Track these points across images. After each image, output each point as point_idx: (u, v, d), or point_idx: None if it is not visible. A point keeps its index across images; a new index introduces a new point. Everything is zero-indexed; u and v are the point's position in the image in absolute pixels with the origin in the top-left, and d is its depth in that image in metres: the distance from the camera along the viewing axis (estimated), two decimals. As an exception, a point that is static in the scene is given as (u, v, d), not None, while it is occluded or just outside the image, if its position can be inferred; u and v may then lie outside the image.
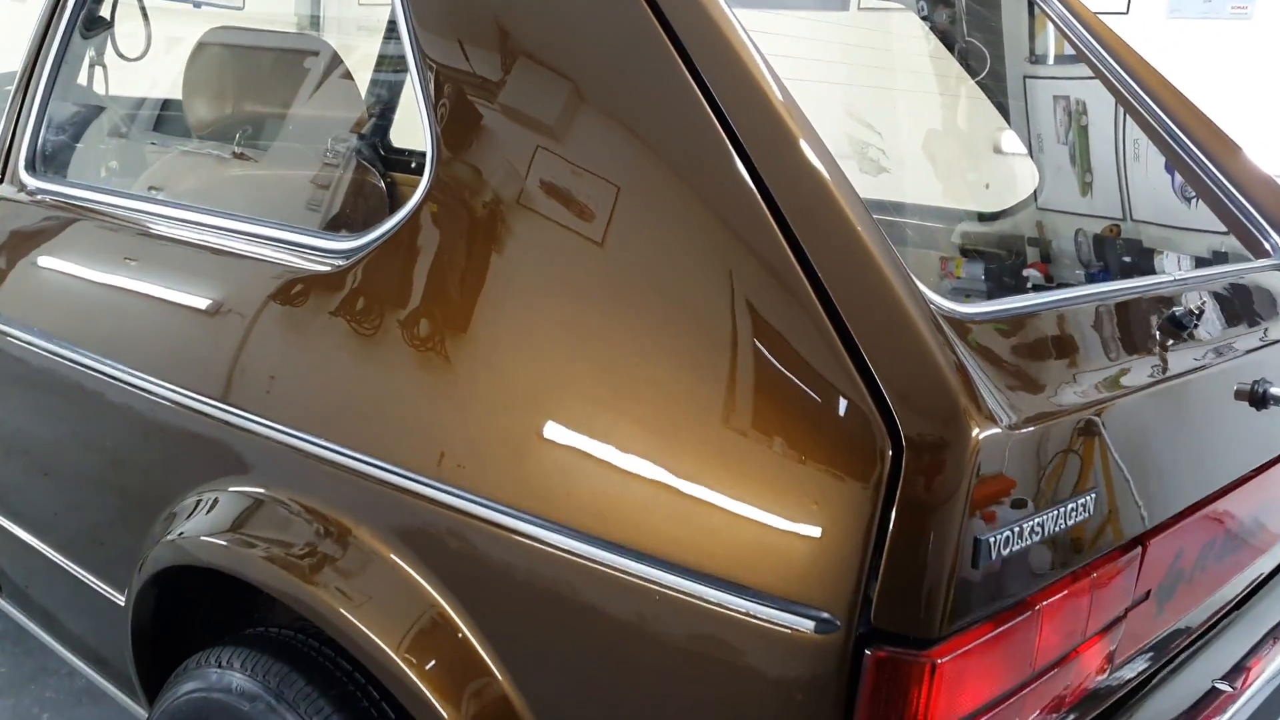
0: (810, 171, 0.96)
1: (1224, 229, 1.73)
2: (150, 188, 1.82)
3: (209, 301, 1.40)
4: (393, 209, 1.21)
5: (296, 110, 1.93)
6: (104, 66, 1.94)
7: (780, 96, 1.00)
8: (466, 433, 1.07)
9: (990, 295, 1.85)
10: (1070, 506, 0.95)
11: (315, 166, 1.73)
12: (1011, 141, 2.26)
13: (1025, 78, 2.26)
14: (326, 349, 1.22)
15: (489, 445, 1.05)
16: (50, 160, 1.87)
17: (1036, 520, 0.90)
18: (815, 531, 0.85)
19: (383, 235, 1.20)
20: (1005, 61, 2.19)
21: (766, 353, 0.91)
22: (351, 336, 1.20)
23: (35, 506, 1.78)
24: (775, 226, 0.93)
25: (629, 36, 1.04)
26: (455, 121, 1.15)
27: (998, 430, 0.85)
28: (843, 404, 0.86)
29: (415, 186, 1.19)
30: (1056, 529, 0.93)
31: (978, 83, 2.17)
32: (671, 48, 1.01)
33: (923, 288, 0.93)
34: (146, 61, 1.99)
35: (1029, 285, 1.88)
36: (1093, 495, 0.98)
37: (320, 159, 1.71)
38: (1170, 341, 1.20)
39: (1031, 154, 2.20)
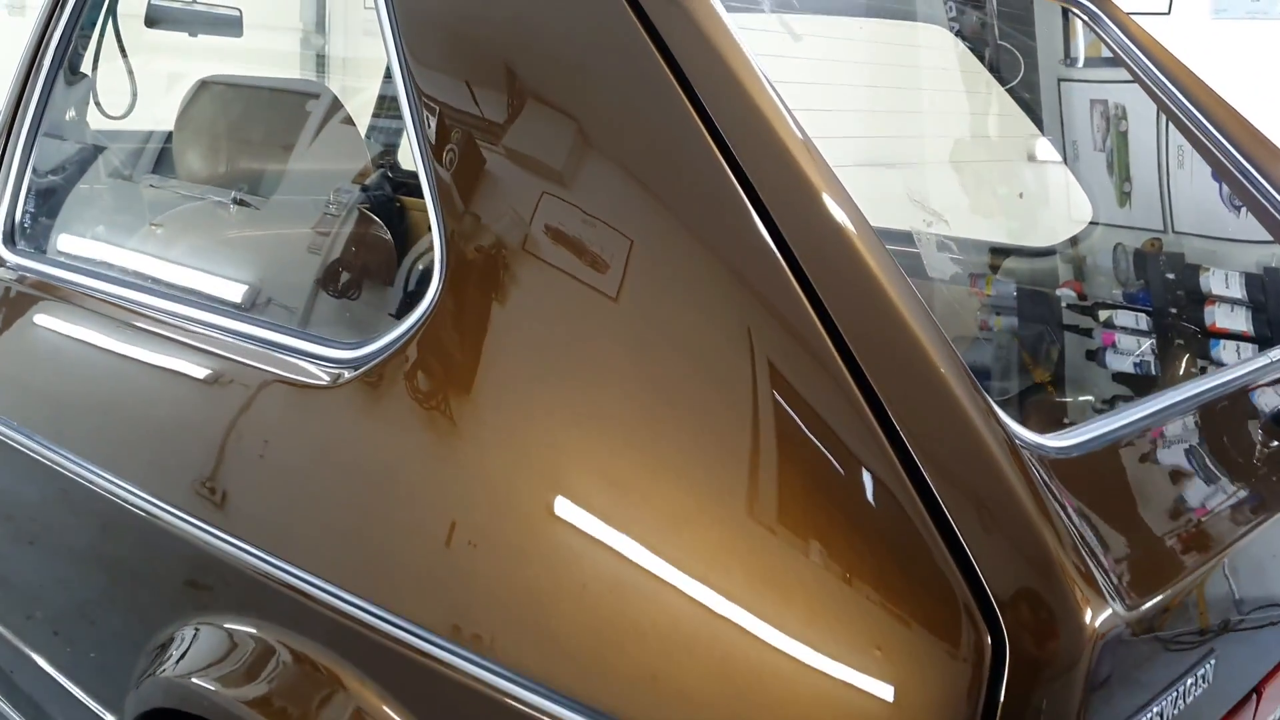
0: (857, 263, 0.83)
1: (1270, 238, 1.61)
2: (135, 270, 1.62)
3: (199, 411, 1.27)
4: (403, 307, 1.11)
5: (298, 167, 1.78)
6: (87, 124, 1.82)
7: (803, 153, 0.89)
8: (488, 589, 0.92)
9: (1062, 386, 1.67)
10: (1190, 682, 0.82)
11: (320, 243, 1.56)
12: (1045, 149, 2.15)
13: (1060, 80, 2.15)
14: (327, 476, 1.09)
15: (513, 607, 0.89)
16: (30, 233, 1.70)
17: (1156, 710, 0.78)
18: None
19: (394, 342, 1.05)
20: (1039, 66, 2.08)
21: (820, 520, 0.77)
22: (357, 463, 1.06)
23: (23, 616, 1.65)
24: (827, 339, 0.80)
25: (636, 81, 0.94)
26: (467, 184, 1.03)
27: (1115, 613, 0.72)
28: (932, 586, 0.72)
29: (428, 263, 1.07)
30: (1175, 711, 0.81)
31: (1009, 90, 2.06)
32: (680, 91, 0.90)
33: (1000, 413, 0.79)
34: (148, 101, 1.91)
35: (1101, 360, 1.70)
36: (1212, 661, 0.85)
37: (325, 237, 1.55)
38: (1275, 444, 1.07)
39: (1066, 161, 2.09)
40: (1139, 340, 1.71)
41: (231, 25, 1.77)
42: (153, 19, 1.71)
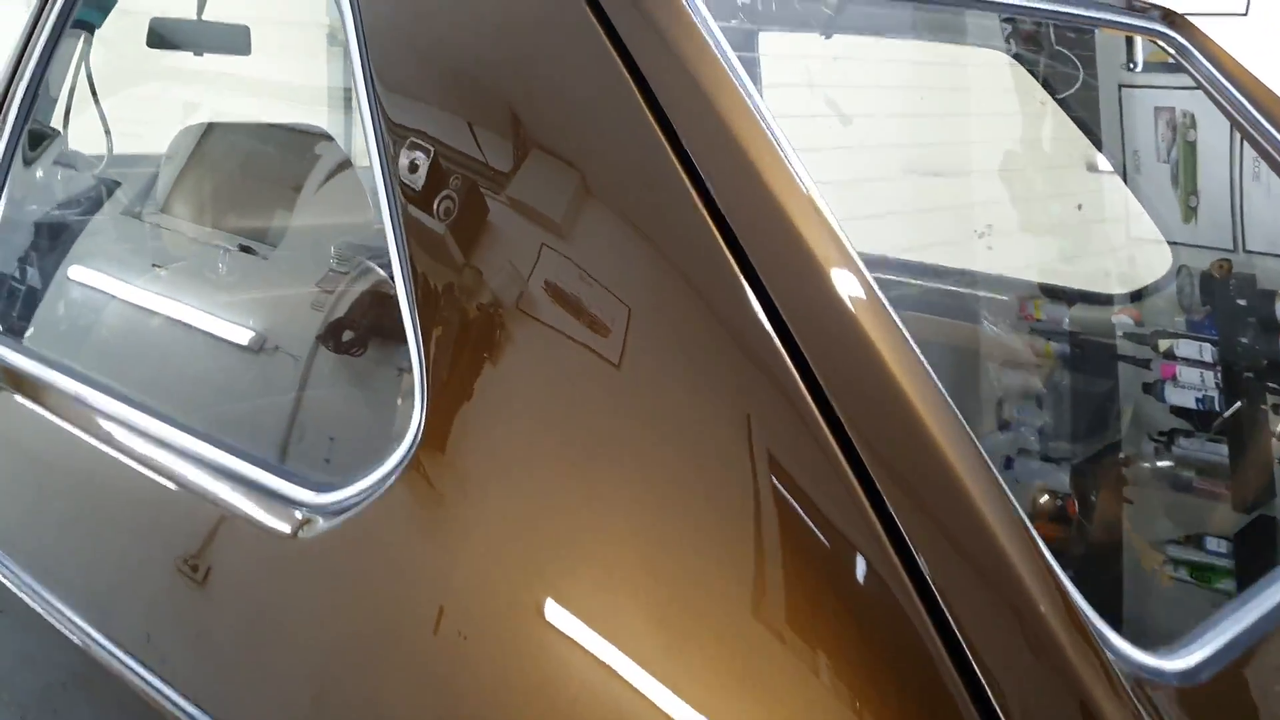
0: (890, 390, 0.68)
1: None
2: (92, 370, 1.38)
3: (145, 545, 1.10)
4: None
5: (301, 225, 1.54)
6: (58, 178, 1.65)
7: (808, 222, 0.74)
8: None
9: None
10: None
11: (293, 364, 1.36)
12: (1104, 160, 1.99)
13: (1121, 87, 2.00)
14: (280, 640, 0.93)
15: None
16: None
17: None
18: None
19: (372, 488, 0.88)
20: (1097, 72, 1.93)
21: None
22: (314, 634, 0.90)
23: None
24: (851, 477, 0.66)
25: (632, 144, 0.80)
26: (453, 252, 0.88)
27: None
28: None
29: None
30: None
31: (1065, 98, 1.91)
32: (675, 158, 0.76)
33: (1091, 618, 0.63)
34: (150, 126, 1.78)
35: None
36: None
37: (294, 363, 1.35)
38: None
39: (1125, 176, 1.93)
40: (1203, 374, 1.56)
41: (238, 42, 1.67)
42: (157, 36, 1.61)
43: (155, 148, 1.67)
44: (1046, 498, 1.44)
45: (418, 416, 0.85)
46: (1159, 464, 1.56)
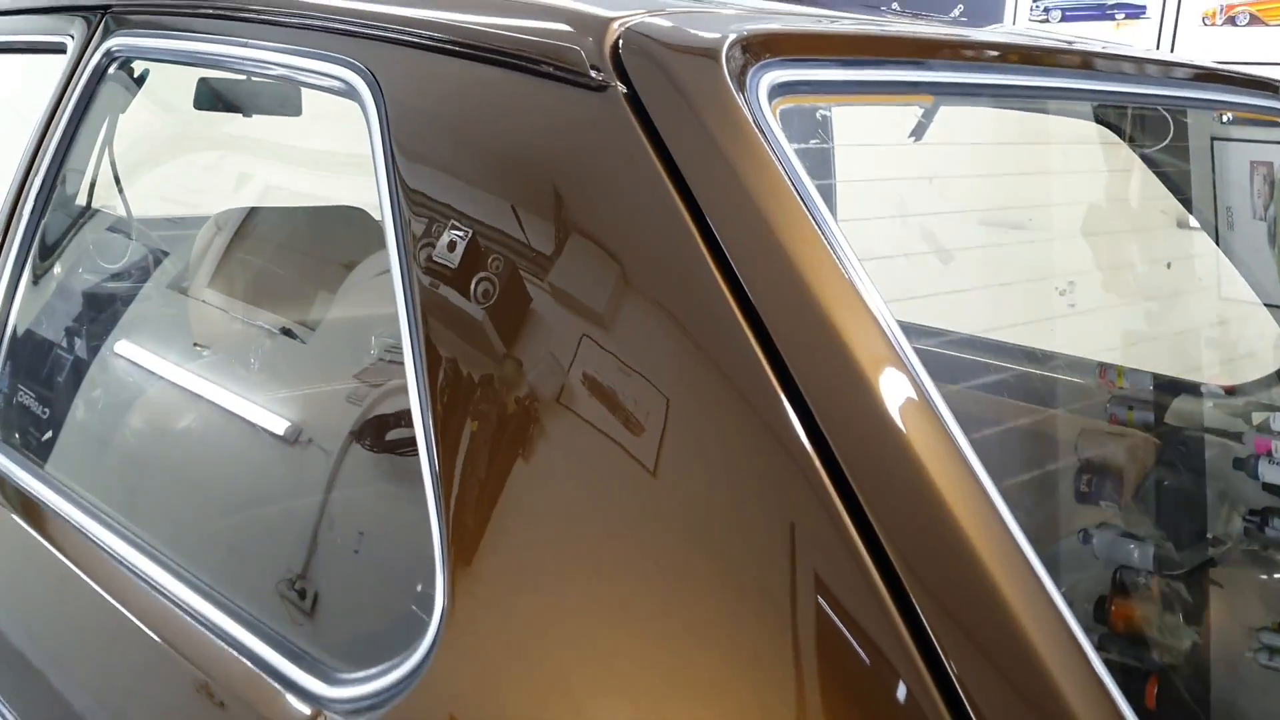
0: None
1: None
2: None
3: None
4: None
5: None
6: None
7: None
8: None
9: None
10: None
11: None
12: (1192, 218, 1.91)
13: (1214, 140, 1.91)
14: None
15: None
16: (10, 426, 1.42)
17: None
18: None
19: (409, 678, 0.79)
20: (1187, 124, 1.85)
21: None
22: None
23: None
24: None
25: (668, 243, 0.76)
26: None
27: None
28: None
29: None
30: None
31: (1151, 153, 1.83)
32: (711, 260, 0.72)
33: None
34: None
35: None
36: None
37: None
38: None
39: (1216, 232, 1.84)
40: (1301, 450, 1.47)
41: (289, 103, 1.61)
42: (207, 97, 1.57)
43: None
44: (1127, 576, 1.37)
45: (441, 587, 0.77)
46: (1250, 545, 1.47)
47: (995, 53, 1.00)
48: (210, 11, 1.22)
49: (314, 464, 1.23)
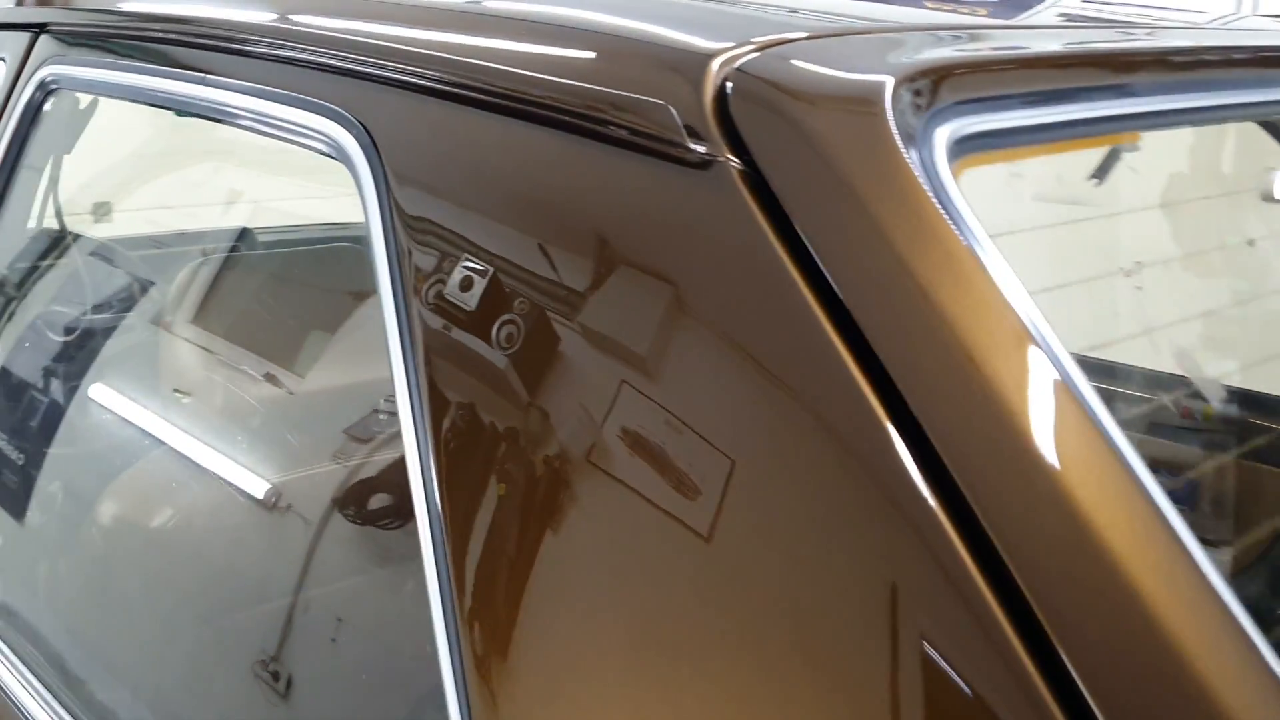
0: None
1: None
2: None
3: None
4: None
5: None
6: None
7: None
8: None
9: None
10: None
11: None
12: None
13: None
14: None
15: None
16: None
17: None
18: None
19: None
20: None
21: None
22: None
23: None
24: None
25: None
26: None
27: None
28: None
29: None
30: None
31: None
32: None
33: None
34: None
35: None
36: None
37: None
38: None
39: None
40: None
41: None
42: None
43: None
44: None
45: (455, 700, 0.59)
46: None
47: (1240, 60, 0.73)
48: (151, 31, 0.96)
49: (291, 540, 1.03)
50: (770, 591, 0.51)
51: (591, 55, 0.61)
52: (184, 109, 0.94)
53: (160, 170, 1.58)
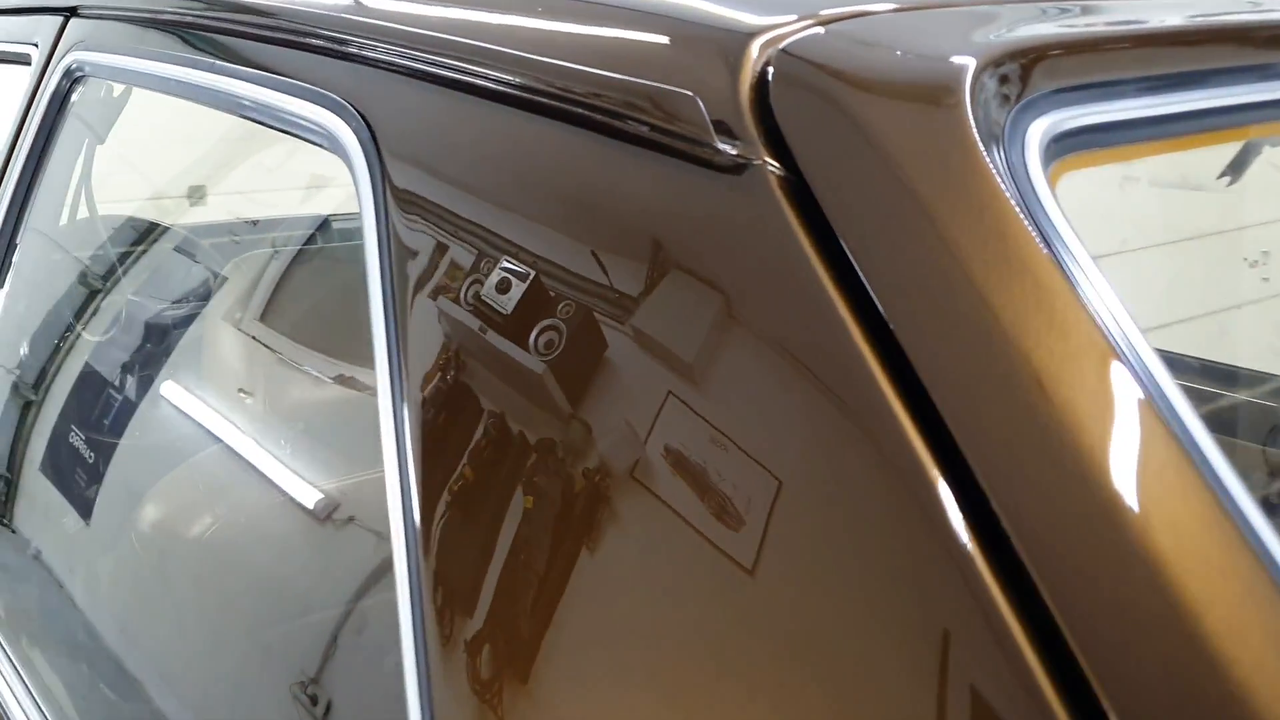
0: None
1: None
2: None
3: None
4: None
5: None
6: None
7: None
8: None
9: None
10: None
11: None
12: None
13: None
14: None
15: None
16: None
17: None
18: None
19: None
20: None
21: None
22: None
23: None
24: None
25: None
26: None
27: None
28: None
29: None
30: None
31: None
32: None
33: None
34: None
35: None
36: None
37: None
38: None
39: None
40: None
41: None
42: None
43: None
44: None
45: None
46: None
47: None
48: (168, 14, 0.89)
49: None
50: (800, 621, 0.41)
51: (607, 36, 0.51)
52: (213, 103, 0.86)
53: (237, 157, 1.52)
